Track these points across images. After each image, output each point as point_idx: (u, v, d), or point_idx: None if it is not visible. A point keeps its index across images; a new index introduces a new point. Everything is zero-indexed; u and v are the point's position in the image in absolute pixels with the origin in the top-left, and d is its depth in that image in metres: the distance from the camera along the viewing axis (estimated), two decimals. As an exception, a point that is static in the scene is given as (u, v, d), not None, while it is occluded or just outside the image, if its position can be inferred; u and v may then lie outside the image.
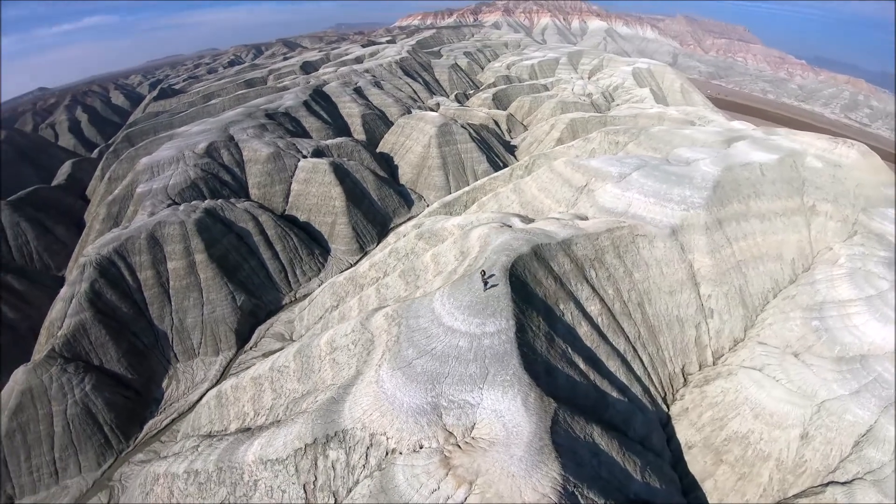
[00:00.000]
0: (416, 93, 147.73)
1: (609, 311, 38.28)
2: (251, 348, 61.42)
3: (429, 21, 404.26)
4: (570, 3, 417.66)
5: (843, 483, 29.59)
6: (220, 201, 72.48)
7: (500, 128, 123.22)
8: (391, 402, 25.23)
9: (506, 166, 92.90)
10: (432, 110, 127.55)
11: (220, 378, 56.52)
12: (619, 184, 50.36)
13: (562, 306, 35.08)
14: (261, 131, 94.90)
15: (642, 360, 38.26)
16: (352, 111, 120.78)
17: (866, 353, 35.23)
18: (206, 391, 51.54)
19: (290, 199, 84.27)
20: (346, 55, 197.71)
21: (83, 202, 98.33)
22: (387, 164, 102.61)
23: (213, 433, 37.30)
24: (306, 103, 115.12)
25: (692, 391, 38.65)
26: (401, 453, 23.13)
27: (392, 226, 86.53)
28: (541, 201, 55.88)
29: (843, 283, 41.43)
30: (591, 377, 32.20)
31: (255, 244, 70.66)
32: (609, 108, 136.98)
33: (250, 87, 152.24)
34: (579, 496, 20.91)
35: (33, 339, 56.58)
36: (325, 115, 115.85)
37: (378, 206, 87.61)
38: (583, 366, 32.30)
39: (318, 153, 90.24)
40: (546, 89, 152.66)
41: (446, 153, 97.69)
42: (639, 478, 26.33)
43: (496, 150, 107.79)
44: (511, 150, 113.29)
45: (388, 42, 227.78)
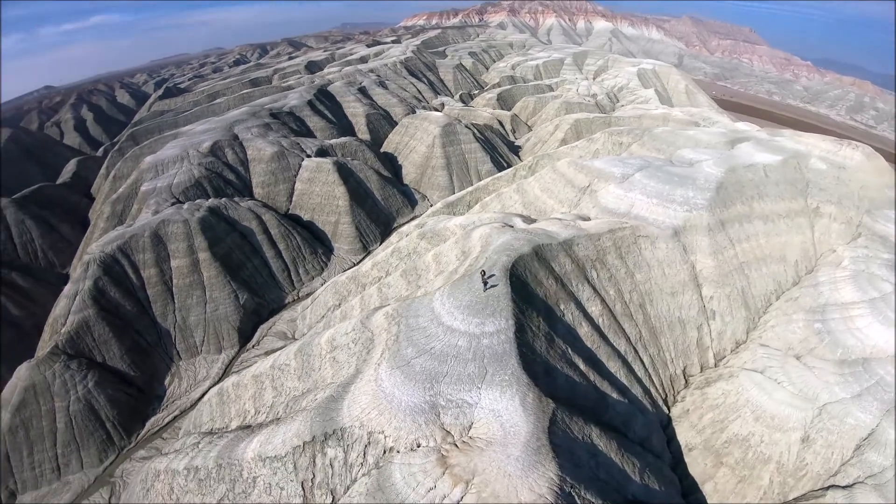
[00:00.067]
0: (420, 93, 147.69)
1: (610, 311, 38.17)
2: (253, 347, 61.57)
3: (434, 21, 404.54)
4: (576, 3, 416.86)
5: (844, 487, 29.39)
6: (223, 200, 72.70)
7: (504, 128, 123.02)
8: (389, 400, 25.25)
9: (510, 166, 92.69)
10: (437, 110, 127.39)
11: (223, 376, 56.72)
12: (621, 184, 50.23)
13: (562, 307, 35.01)
14: (265, 130, 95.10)
15: (643, 362, 38.13)
16: (356, 111, 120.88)
17: (869, 356, 35.00)
18: (208, 389, 51.73)
19: (293, 198, 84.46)
20: (351, 55, 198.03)
21: (88, 200, 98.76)
22: (391, 163, 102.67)
23: (215, 430, 37.42)
24: (311, 103, 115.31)
25: (693, 393, 38.51)
26: (398, 452, 23.15)
27: (395, 225, 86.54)
28: (543, 202, 55.80)
29: (847, 285, 41.18)
30: (592, 378, 32.12)
31: (259, 243, 70.84)
32: (614, 109, 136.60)
33: (255, 87, 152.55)
34: (576, 497, 20.88)
35: (37, 336, 57.00)
36: (329, 115, 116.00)
37: (381, 205, 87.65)
38: (583, 366, 32.22)
39: (322, 152, 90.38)
40: (551, 90, 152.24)
41: (450, 153, 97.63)
42: (637, 479, 26.26)
43: (500, 150, 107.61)
44: (515, 150, 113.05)
45: (393, 42, 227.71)
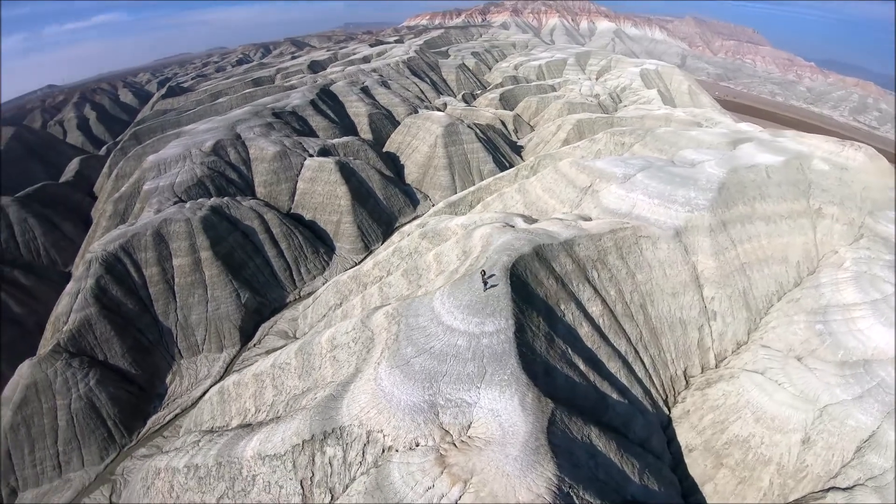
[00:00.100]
0: (423, 92, 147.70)
1: (611, 312, 38.13)
2: (255, 345, 61.67)
3: (437, 21, 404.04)
4: (579, 3, 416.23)
5: (845, 489, 29.32)
6: (225, 199, 72.82)
7: (506, 128, 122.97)
8: (388, 399, 25.27)
9: (512, 166, 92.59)
10: (439, 110, 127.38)
11: (224, 374, 56.81)
12: (623, 185, 50.18)
13: (563, 307, 34.98)
14: (267, 130, 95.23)
15: (644, 362, 38.07)
16: (359, 110, 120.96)
17: (870, 358, 34.89)
18: (210, 387, 51.78)
19: (295, 197, 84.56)
20: (354, 55, 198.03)
21: (91, 199, 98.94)
22: (393, 163, 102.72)
23: (215, 429, 37.51)
24: (313, 102, 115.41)
25: (694, 394, 38.43)
26: (397, 451, 23.16)
27: (397, 225, 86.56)
28: (545, 202, 55.77)
29: (849, 286, 41.06)
30: (592, 378, 32.08)
31: (261, 242, 70.93)
32: (616, 110, 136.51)
33: (258, 86, 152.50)
34: (574, 497, 20.86)
35: (39, 334, 57.15)
36: (331, 115, 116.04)
37: (383, 205, 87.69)
38: (583, 367, 32.19)
39: (325, 152, 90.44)
40: (553, 90, 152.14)
41: (452, 153, 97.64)
42: (637, 480, 26.22)
43: (502, 150, 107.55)
44: (518, 150, 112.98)
45: (396, 42, 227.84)
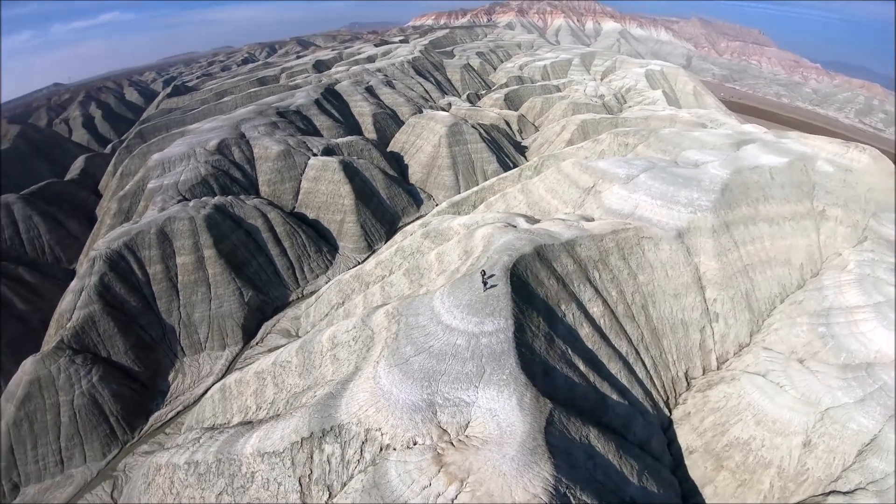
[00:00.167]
0: (427, 92, 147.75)
1: (612, 312, 38.03)
2: (257, 344, 61.86)
3: (442, 21, 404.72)
4: (584, 4, 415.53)
5: (845, 493, 29.09)
6: (229, 198, 73.04)
7: (511, 128, 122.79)
8: (387, 398, 25.31)
9: (516, 167, 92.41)
10: (444, 110, 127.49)
11: (226, 372, 57.02)
12: (626, 185, 50.05)
13: (563, 307, 34.92)
14: (272, 129, 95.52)
15: (645, 364, 37.95)
16: (363, 110, 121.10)
17: (872, 361, 34.61)
18: (212, 385, 51.93)
19: (299, 196, 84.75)
20: (359, 54, 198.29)
21: (95, 197, 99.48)
22: (397, 163, 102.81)
23: (217, 426, 37.65)
24: (318, 102, 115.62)
25: (695, 395, 38.28)
26: (394, 449, 23.20)
27: (400, 224, 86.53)
28: (548, 202, 55.71)
29: (852, 289, 40.79)
30: (592, 379, 32.00)
31: (264, 241, 71.13)
32: (621, 110, 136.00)
33: (263, 86, 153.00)
34: (571, 497, 20.83)
35: (43, 331, 57.56)
36: (336, 114, 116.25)
37: (387, 204, 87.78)
38: (583, 367, 32.11)
39: (329, 151, 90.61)
40: (558, 90, 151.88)
41: (456, 153, 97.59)
42: (635, 481, 26.14)
43: (506, 150, 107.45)
44: (522, 150, 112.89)
45: (401, 42, 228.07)
